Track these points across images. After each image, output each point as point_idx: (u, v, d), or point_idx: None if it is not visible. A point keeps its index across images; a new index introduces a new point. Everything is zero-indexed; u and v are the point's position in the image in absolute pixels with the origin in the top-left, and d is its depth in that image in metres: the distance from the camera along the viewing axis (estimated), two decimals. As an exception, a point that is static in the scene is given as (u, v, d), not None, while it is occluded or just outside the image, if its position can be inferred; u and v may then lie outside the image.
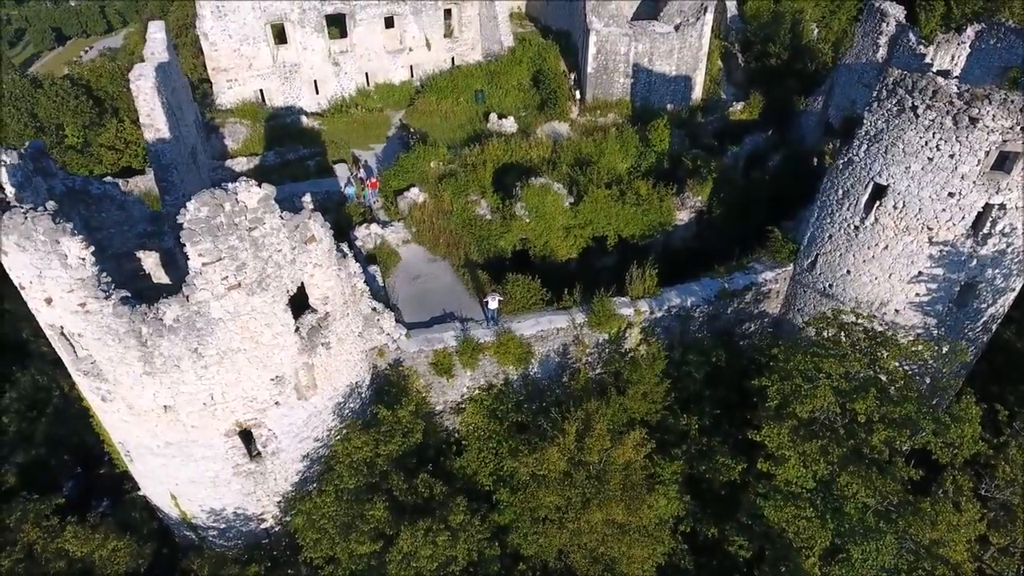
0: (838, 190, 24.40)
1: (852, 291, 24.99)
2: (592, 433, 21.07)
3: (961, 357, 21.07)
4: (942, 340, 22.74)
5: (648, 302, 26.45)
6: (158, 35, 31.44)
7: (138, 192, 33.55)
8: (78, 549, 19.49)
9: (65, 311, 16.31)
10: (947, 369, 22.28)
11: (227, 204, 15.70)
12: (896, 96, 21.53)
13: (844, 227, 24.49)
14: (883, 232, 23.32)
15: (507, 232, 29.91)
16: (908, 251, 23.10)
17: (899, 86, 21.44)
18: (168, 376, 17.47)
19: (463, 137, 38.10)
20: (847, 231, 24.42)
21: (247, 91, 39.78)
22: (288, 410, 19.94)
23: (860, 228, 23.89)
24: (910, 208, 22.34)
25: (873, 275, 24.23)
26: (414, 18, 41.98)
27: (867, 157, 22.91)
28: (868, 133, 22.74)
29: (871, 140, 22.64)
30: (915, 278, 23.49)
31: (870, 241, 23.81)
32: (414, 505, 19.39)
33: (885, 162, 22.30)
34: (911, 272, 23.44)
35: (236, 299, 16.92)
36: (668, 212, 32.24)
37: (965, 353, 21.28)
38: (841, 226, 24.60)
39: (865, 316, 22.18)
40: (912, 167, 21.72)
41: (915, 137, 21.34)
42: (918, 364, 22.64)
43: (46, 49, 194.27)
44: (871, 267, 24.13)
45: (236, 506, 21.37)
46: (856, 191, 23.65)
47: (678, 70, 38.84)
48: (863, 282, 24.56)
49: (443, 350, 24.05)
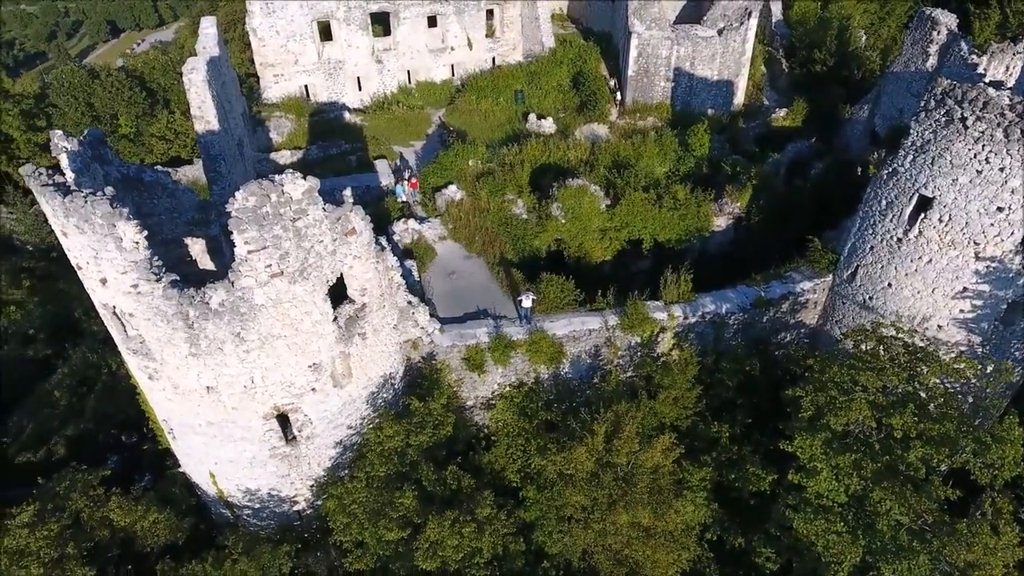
0: (881, 201, 23.97)
1: (893, 304, 24.52)
2: (621, 435, 21.14)
3: (1006, 377, 20.53)
4: (987, 359, 22.14)
5: (682, 307, 26.35)
6: (210, 30, 32.44)
7: (186, 181, 34.61)
8: (121, 519, 20.34)
9: (118, 292, 17.04)
10: (991, 389, 21.69)
11: (273, 195, 16.21)
12: (945, 106, 21.07)
13: (886, 239, 24.04)
14: (927, 245, 22.84)
15: (542, 232, 30.11)
16: (953, 266, 22.58)
17: (948, 96, 20.98)
18: (212, 358, 18.09)
19: (502, 137, 38.41)
20: (889, 243, 23.97)
21: (292, 86, 40.71)
22: (324, 397, 20.44)
23: (903, 240, 23.43)
24: (956, 222, 21.84)
25: (915, 289, 23.73)
26: (456, 18, 42.42)
27: (913, 168, 22.47)
28: (914, 144, 22.30)
29: (917, 151, 22.20)
30: (960, 294, 22.95)
31: (913, 254, 23.33)
32: (442, 496, 19.72)
33: (931, 174, 21.85)
34: (955, 288, 22.90)
35: (278, 287, 17.43)
36: (706, 218, 32.04)
37: (1011, 373, 20.72)
38: (883, 238, 24.15)
39: (906, 331, 21.76)
40: (960, 180, 21.24)
41: (963, 149, 20.86)
42: (960, 382, 22.12)
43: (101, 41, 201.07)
44: (913, 281, 23.64)
45: (271, 487, 21.98)
46: (900, 202, 23.21)
47: (720, 75, 38.52)
48: (905, 296, 24.08)
49: (475, 346, 24.34)
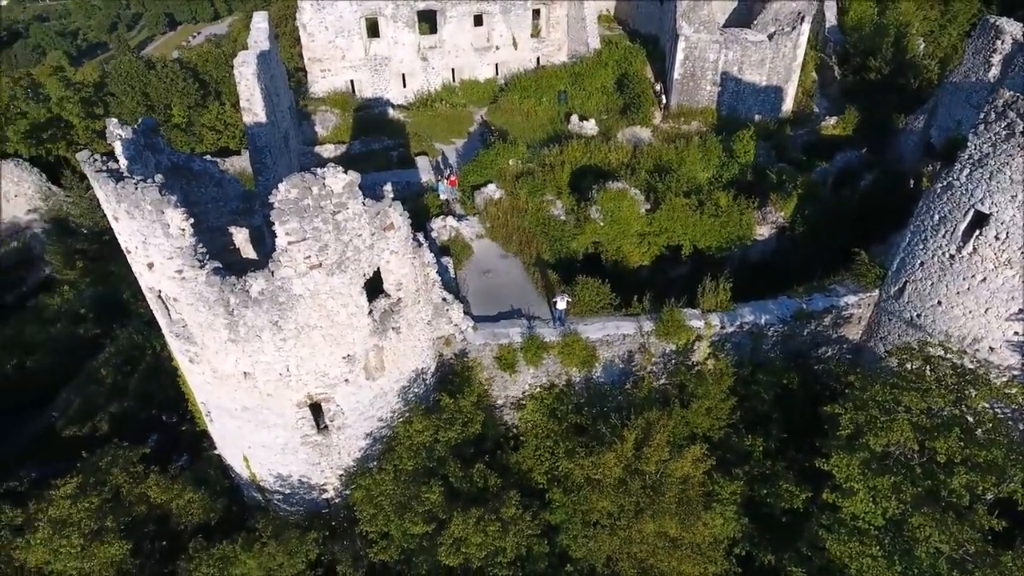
0: (934, 215, 23.11)
1: (942, 323, 23.61)
2: (651, 443, 20.85)
3: None
4: None
5: (720, 316, 25.86)
6: (261, 25, 33.18)
7: (233, 171, 35.52)
8: (158, 496, 20.95)
9: (164, 276, 17.53)
10: None
11: (315, 187, 16.45)
12: (1006, 119, 20.19)
13: (938, 255, 23.17)
14: (981, 264, 21.93)
15: (580, 234, 29.93)
16: (1008, 286, 21.64)
17: (1010, 109, 20.09)
18: (250, 345, 18.47)
19: (543, 137, 38.40)
20: (941, 260, 23.09)
21: (339, 81, 41.41)
22: (356, 388, 20.68)
23: (956, 258, 22.55)
24: (1013, 240, 20.92)
25: (967, 308, 22.81)
26: (503, 17, 42.53)
27: (969, 182, 21.60)
28: (972, 157, 21.43)
29: (975, 165, 21.33)
30: (1015, 315, 21.97)
31: (966, 272, 22.44)
32: (468, 493, 19.75)
33: (989, 189, 20.97)
34: (1010, 309, 21.93)
35: (316, 278, 17.69)
36: (748, 226, 31.41)
37: None
38: (935, 254, 23.28)
39: (955, 351, 20.93)
40: (1019, 196, 20.33)
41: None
42: (1012, 408, 21.18)
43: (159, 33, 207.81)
44: (965, 300, 22.73)
45: (301, 474, 22.34)
46: (954, 218, 22.33)
47: (769, 80, 37.73)
48: (955, 315, 23.16)
49: (508, 345, 24.31)
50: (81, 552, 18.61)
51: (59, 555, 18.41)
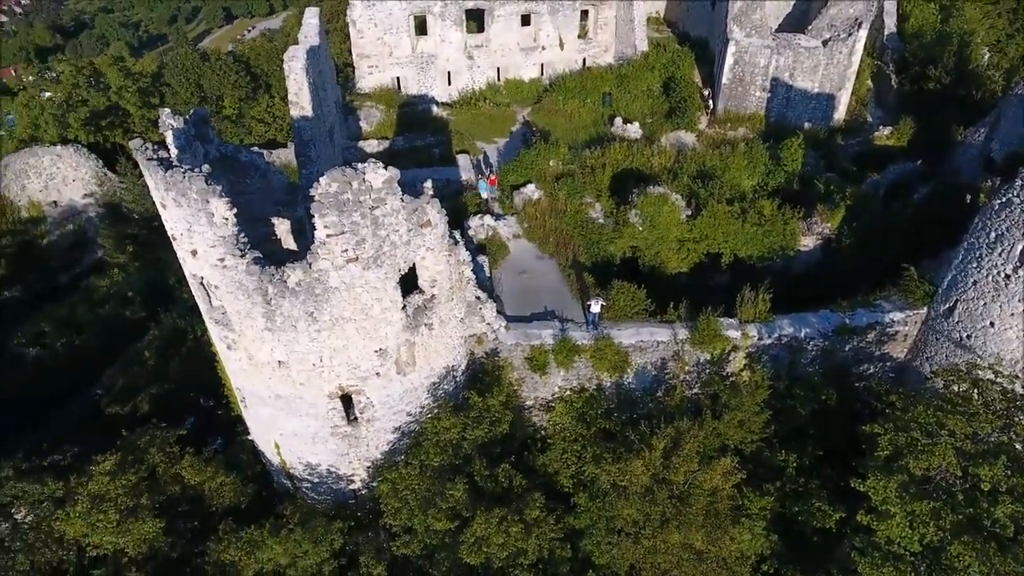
0: (990, 233, 22.13)
1: (993, 346, 22.60)
2: (680, 452, 20.52)
3: None
4: None
5: (758, 327, 25.28)
6: (312, 20, 33.79)
7: (279, 163, 36.33)
8: (192, 478, 21.53)
9: (206, 263, 18.01)
10: None
11: (355, 182, 16.66)
12: (1075, 135, 19.22)
13: (992, 274, 22.18)
14: (1039, 285, 20.94)
15: (618, 238, 29.62)
16: (1067, 310, 20.63)
17: (1081, 124, 19.13)
18: (285, 334, 18.82)
19: (585, 139, 38.08)
20: (995, 279, 22.10)
21: (385, 77, 41.86)
22: (387, 382, 20.88)
23: (1011, 278, 21.55)
24: (1076, 262, 19.92)
25: (1021, 331, 21.79)
26: (550, 17, 42.38)
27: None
28: (1035, 173, 20.48)
29: (1038, 181, 20.37)
30: (1073, 341, 20.94)
31: (1022, 294, 21.43)
32: (492, 493, 19.73)
33: (1052, 207, 20.01)
34: (1068, 334, 20.92)
35: (352, 271, 17.93)
36: (792, 236, 30.62)
37: None
38: (989, 273, 22.30)
39: (1006, 375, 19.98)
40: (1084, 216, 19.35)
41: (1093, 183, 19.00)
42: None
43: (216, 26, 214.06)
44: (1019, 322, 21.72)
45: (330, 464, 22.68)
46: (1012, 236, 21.35)
47: (821, 87, 36.70)
48: (1008, 338, 22.15)
49: (539, 347, 24.23)
50: (116, 527, 19.26)
51: (96, 529, 19.09)
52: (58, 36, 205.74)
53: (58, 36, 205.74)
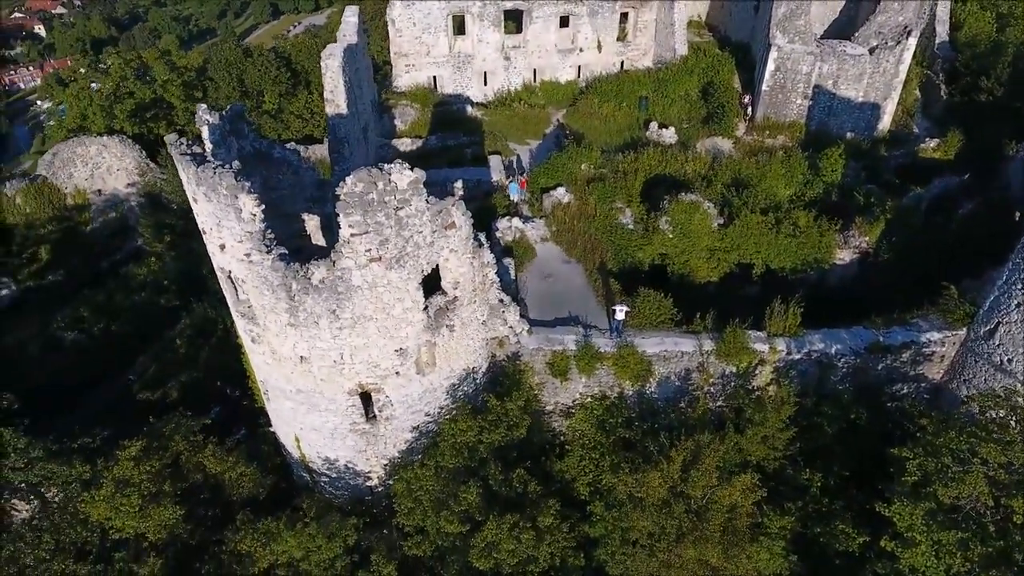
0: (1038, 253, 21.19)
1: (1036, 371, 21.64)
2: (699, 466, 20.13)
3: None
4: None
5: (786, 341, 24.67)
6: (351, 19, 34.14)
7: (314, 159, 36.76)
8: (213, 467, 21.96)
9: (233, 258, 18.31)
10: None
11: (380, 182, 16.74)
12: None
13: (1038, 297, 21.24)
14: (1088, 310, 19.95)
15: (647, 244, 29.23)
16: (1118, 338, 19.60)
17: None
18: (307, 330, 19.04)
19: (619, 143, 37.71)
20: (1041, 302, 21.15)
21: (422, 76, 42.06)
22: (406, 382, 20.97)
23: (1059, 301, 20.61)
24: None
25: (1066, 358, 20.82)
26: (589, 19, 42.04)
27: (1083, 220, 19.66)
28: (1089, 193, 19.51)
29: (1091, 202, 19.39)
30: (1122, 371, 19.89)
31: (1069, 318, 20.47)
32: (507, 498, 19.64)
33: (1105, 229, 19.01)
34: (1118, 363, 19.88)
35: (375, 271, 18.03)
36: (827, 249, 29.80)
37: None
38: (1034, 295, 21.35)
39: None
40: None
41: None
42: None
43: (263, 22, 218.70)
44: (1065, 348, 20.75)
45: (348, 460, 22.89)
46: (1061, 258, 20.41)
47: (866, 96, 35.64)
48: (1052, 363, 21.18)
49: (561, 352, 24.04)
50: (139, 512, 19.74)
51: (119, 512, 19.59)
52: (113, 29, 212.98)
53: (113, 29, 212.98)
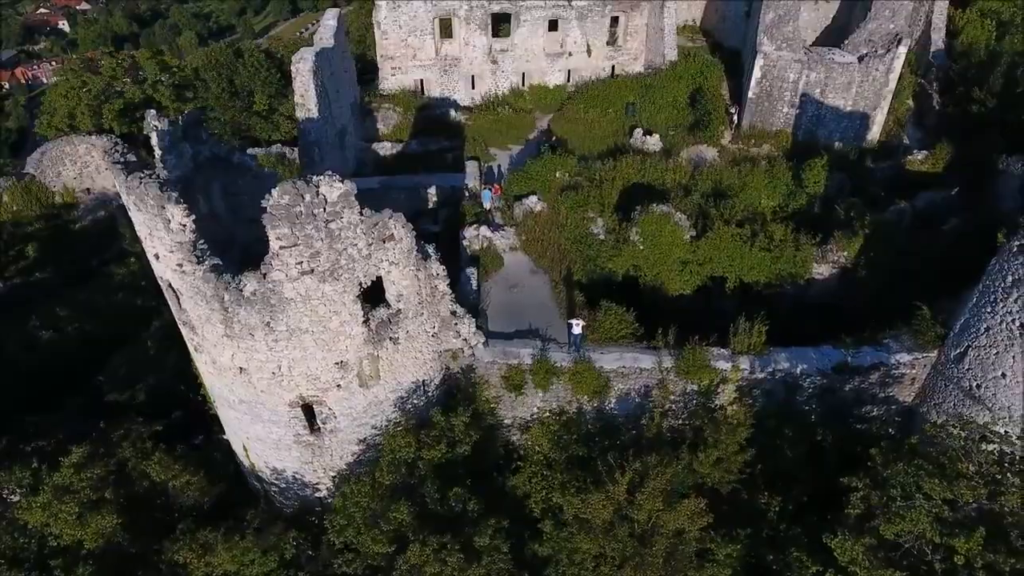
0: (1007, 276, 20.28)
1: (1004, 399, 20.72)
2: (644, 489, 19.57)
3: None
4: None
5: (751, 359, 23.96)
6: (330, 22, 33.98)
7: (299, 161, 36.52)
8: (158, 475, 21.81)
9: (168, 267, 18.14)
10: None
11: (307, 195, 16.44)
12: (1103, 176, 17.35)
13: (1007, 322, 20.31)
14: (1057, 338, 19.05)
15: (617, 256, 28.62)
16: (1087, 367, 18.69)
17: (1109, 164, 17.24)
18: (244, 342, 18.81)
19: (602, 149, 37.10)
20: (1010, 327, 20.23)
21: (409, 79, 41.80)
22: (349, 395, 20.66)
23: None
24: (1098, 316, 18.01)
25: (1035, 386, 19.91)
26: (578, 23, 41.46)
27: (1051, 244, 18.78)
28: (1057, 215, 18.61)
29: (1060, 224, 18.50)
30: (1092, 402, 18.97)
31: (1038, 345, 19.56)
32: (443, 516, 19.23)
33: (1073, 254, 18.14)
34: (1087, 394, 18.96)
35: (308, 284, 17.73)
36: (804, 263, 28.96)
37: None
38: (1004, 319, 20.43)
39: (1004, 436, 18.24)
40: (1110, 266, 17.45)
41: (1119, 230, 17.10)
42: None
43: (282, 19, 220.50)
44: (1034, 376, 19.84)
45: (295, 471, 22.67)
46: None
47: (855, 105, 34.65)
48: (1019, 392, 20.26)
49: (517, 366, 23.58)
50: (77, 520, 19.65)
51: (57, 519, 19.51)
52: (135, 25, 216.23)
53: (135, 25, 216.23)
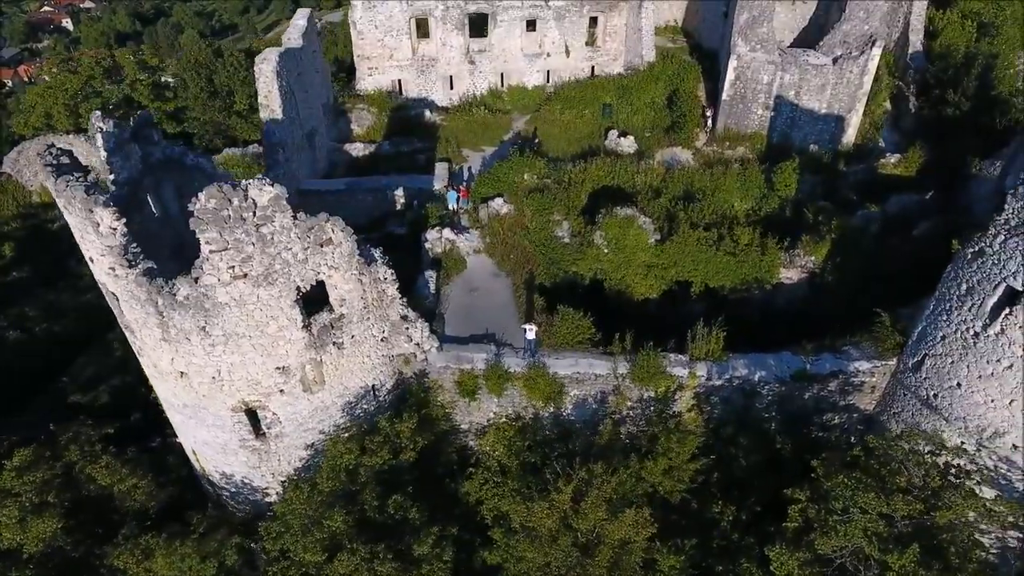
0: (961, 284, 19.92)
1: (960, 409, 20.37)
2: (588, 498, 19.28)
3: None
4: None
5: (708, 366, 23.64)
6: (299, 22, 33.79)
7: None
8: (103, 479, 21.63)
9: (101, 271, 17.97)
10: None
11: (235, 199, 16.21)
12: (1051, 182, 16.99)
13: (961, 330, 19.96)
14: (1009, 347, 18.68)
15: (581, 259, 28.33)
16: (1039, 378, 18.30)
17: (1056, 171, 16.87)
18: (181, 346, 18.61)
19: (577, 151, 36.80)
20: (964, 336, 19.88)
21: (385, 80, 41.53)
22: (293, 400, 20.44)
23: (981, 336, 19.33)
24: (1049, 325, 17.63)
25: (989, 396, 19.53)
26: (556, 24, 41.09)
27: (1002, 252, 18.42)
28: (1008, 222, 18.29)
29: (1010, 231, 18.17)
30: (1044, 412, 18.58)
31: (991, 355, 19.19)
32: (385, 525, 18.98)
33: (1023, 262, 17.75)
34: (1039, 404, 18.57)
35: (242, 288, 17.51)
36: (770, 268, 28.59)
37: None
38: (958, 328, 20.08)
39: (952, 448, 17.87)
40: (1059, 275, 17.08)
41: (1068, 239, 16.73)
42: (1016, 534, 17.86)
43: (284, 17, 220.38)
44: (987, 386, 19.47)
45: (243, 475, 22.47)
46: (983, 290, 19.14)
47: (829, 108, 34.21)
48: (975, 401, 19.90)
49: (470, 371, 23.34)
50: (18, 524, 19.50)
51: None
52: (137, 23, 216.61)
53: (137, 23, 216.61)
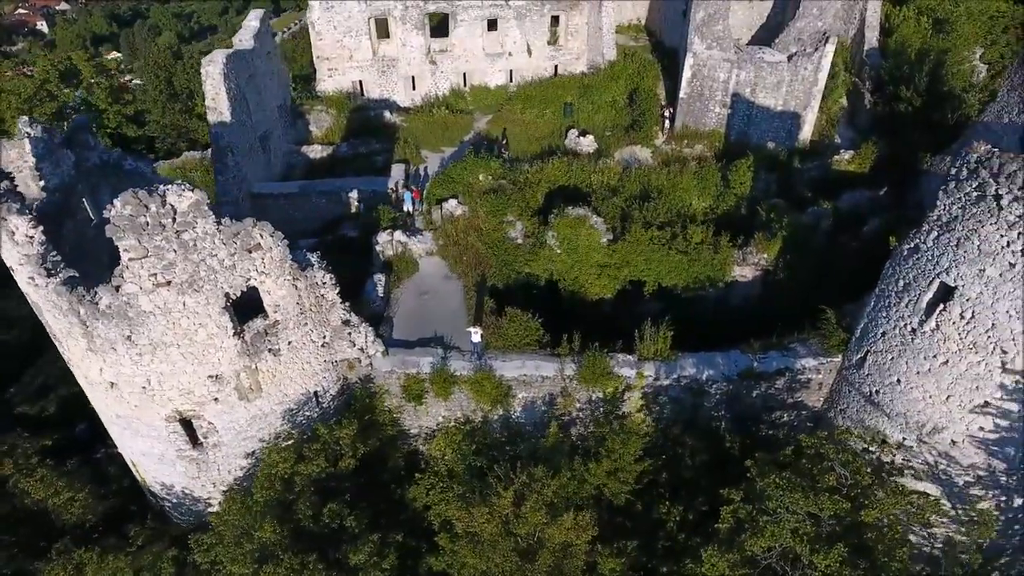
0: (899, 280, 19.93)
1: (900, 405, 20.39)
2: (527, 502, 19.09)
3: (985, 533, 16.08)
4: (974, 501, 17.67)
5: (656, 366, 23.53)
6: (252, 23, 33.33)
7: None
8: (37, 492, 21.18)
9: (21, 280, 17.53)
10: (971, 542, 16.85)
11: (152, 205, 15.85)
12: (977, 179, 17.02)
13: (900, 326, 19.97)
14: (944, 343, 18.69)
15: (533, 260, 28.16)
16: (973, 373, 18.35)
17: (982, 166, 16.91)
18: (108, 356, 18.21)
19: (537, 151, 36.64)
20: (903, 332, 19.89)
21: (346, 81, 41.18)
22: (229, 408, 20.09)
23: (917, 332, 19.35)
24: (980, 321, 17.68)
25: (927, 392, 19.55)
26: (517, 23, 40.93)
27: (936, 248, 18.42)
28: (940, 219, 18.26)
29: (942, 228, 18.15)
30: (980, 408, 18.63)
31: (927, 351, 19.20)
32: (321, 535, 18.70)
33: (955, 258, 17.79)
34: (974, 400, 18.62)
35: (165, 296, 17.14)
36: (722, 266, 28.55)
37: (990, 528, 16.23)
38: (897, 324, 20.09)
39: (887, 445, 17.86)
40: (988, 271, 17.12)
41: (994, 234, 16.78)
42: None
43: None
44: (925, 382, 19.49)
45: (183, 486, 22.08)
46: (918, 286, 19.16)
47: (785, 105, 34.27)
48: (914, 397, 19.92)
49: (416, 375, 23.10)
50: (-55, 539, 19.08)
51: (-80, 540, 18.93)
52: (114, 25, 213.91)
53: (114, 25, 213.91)
